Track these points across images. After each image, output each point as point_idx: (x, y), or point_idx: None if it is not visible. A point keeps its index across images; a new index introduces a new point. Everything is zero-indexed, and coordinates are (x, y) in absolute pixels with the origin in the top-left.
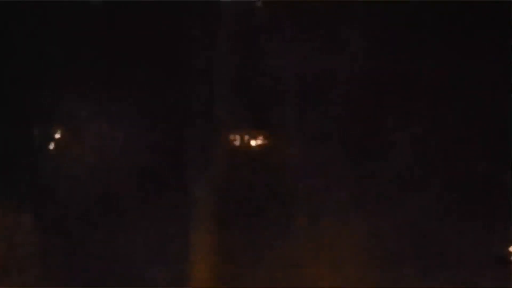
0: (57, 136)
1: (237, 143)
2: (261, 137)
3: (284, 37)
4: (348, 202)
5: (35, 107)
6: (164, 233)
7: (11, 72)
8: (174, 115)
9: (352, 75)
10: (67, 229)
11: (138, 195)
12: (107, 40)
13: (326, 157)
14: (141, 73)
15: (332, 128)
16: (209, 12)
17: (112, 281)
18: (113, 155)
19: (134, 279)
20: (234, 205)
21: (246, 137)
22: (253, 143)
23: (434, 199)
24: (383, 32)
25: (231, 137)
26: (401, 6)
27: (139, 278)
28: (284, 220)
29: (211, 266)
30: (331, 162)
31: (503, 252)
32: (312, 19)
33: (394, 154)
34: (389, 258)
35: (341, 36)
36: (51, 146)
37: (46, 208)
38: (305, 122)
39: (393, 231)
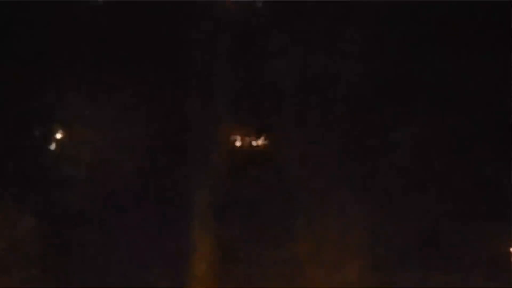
0: (57, 136)
1: (238, 143)
2: (262, 137)
3: (284, 37)
4: (349, 201)
5: (35, 107)
6: (165, 233)
7: (11, 72)
8: (175, 115)
9: (352, 75)
10: (67, 229)
11: (138, 195)
12: (107, 40)
13: (327, 157)
14: (142, 73)
15: (333, 128)
16: (209, 12)
17: (112, 280)
18: (113, 155)
19: (134, 278)
20: (235, 205)
21: (247, 138)
22: (253, 143)
23: (435, 200)
24: (383, 33)
25: (232, 137)
26: (401, 7)
27: (139, 277)
28: (285, 219)
29: (211, 266)
30: (331, 162)
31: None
32: (312, 20)
33: (394, 155)
34: (389, 258)
35: (342, 37)
36: (52, 146)
37: (46, 207)
38: (306, 122)
39: (394, 231)
